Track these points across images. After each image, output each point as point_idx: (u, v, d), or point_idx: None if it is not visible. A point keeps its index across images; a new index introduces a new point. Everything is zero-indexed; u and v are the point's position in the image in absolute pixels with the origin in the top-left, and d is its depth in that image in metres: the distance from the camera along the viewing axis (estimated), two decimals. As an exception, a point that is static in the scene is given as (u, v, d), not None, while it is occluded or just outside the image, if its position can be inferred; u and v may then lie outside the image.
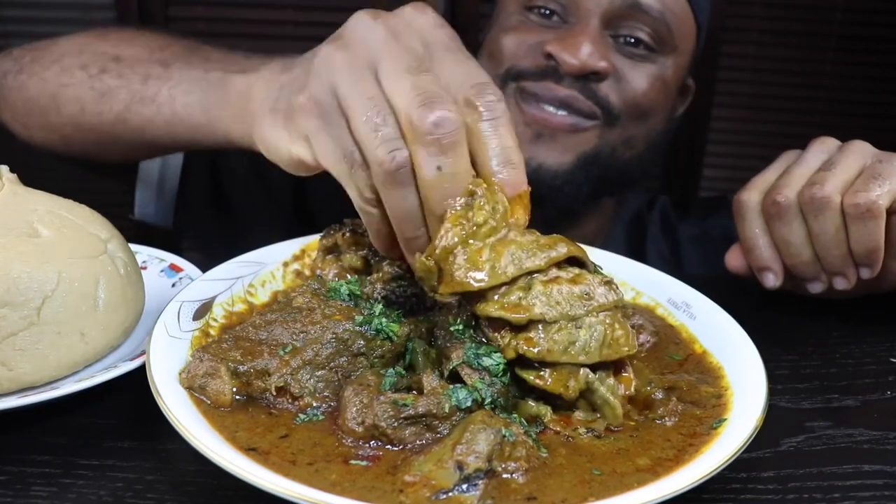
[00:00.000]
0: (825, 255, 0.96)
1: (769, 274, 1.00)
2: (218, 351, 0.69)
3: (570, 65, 1.27)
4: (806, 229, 0.96)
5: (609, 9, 1.29)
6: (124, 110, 1.07)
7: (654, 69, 1.35)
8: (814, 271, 0.98)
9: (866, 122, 3.13)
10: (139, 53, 1.11)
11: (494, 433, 0.61)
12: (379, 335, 0.70)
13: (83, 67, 1.11)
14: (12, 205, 0.76)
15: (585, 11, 1.30)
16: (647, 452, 0.65)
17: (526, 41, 1.34)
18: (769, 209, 0.97)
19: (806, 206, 0.94)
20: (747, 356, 0.76)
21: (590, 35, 1.28)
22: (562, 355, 0.65)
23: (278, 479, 0.56)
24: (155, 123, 1.05)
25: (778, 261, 1.00)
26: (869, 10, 3.07)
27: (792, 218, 0.95)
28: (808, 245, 0.96)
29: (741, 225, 1.02)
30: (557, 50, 1.28)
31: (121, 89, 1.07)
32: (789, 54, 3.09)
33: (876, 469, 0.71)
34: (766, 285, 1.01)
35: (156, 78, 1.05)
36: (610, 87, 1.32)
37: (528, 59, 1.33)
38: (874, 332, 0.98)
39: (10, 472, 0.65)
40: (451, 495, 0.57)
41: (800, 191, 0.95)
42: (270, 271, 0.89)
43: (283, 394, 0.67)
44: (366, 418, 0.63)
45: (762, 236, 1.00)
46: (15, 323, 0.69)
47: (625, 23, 1.30)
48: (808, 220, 0.95)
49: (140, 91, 1.05)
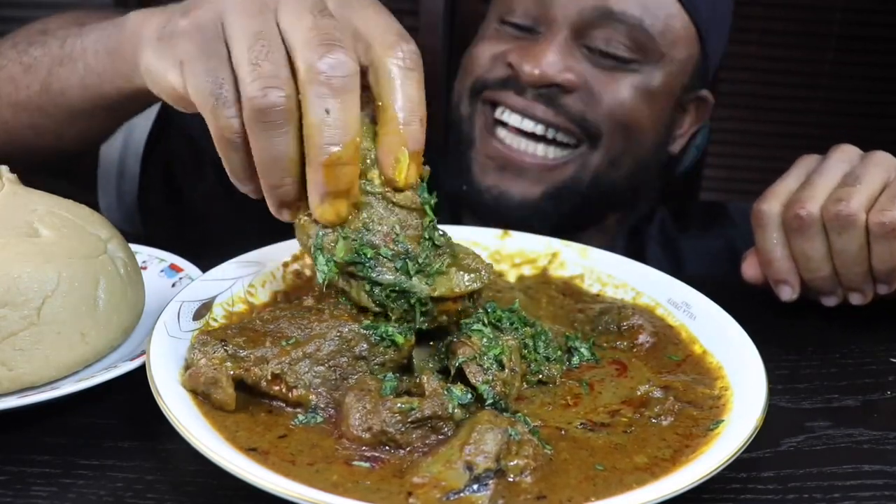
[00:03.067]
0: (845, 271, 0.94)
1: (786, 287, 0.98)
2: (221, 334, 0.69)
3: (528, 74, 1.23)
4: (827, 244, 0.93)
5: (578, 18, 1.23)
6: (47, 76, 1.04)
7: (637, 79, 1.27)
8: (831, 286, 0.97)
9: (865, 122, 3.13)
10: (65, 22, 1.10)
11: (501, 433, 0.61)
12: (383, 342, 0.70)
13: (14, 46, 1.11)
14: (12, 205, 0.76)
15: (553, 21, 1.25)
16: (643, 450, 0.65)
17: (493, 51, 1.30)
18: (791, 222, 0.94)
19: (830, 223, 0.91)
20: (747, 356, 0.76)
21: (555, 44, 1.23)
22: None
23: (279, 480, 0.56)
24: (71, 82, 1.02)
25: (795, 274, 0.97)
26: (868, 10, 3.07)
27: (814, 233, 0.93)
28: (828, 260, 0.94)
29: (760, 236, 0.99)
30: (517, 59, 1.24)
31: (44, 57, 1.05)
32: (789, 54, 3.10)
33: (876, 469, 0.71)
34: (783, 298, 0.99)
35: (73, 37, 1.02)
36: (580, 101, 1.26)
37: (494, 70, 1.29)
38: (874, 332, 0.98)
39: (10, 472, 0.65)
40: (462, 496, 0.57)
41: (823, 205, 0.92)
42: (270, 271, 0.89)
43: (278, 382, 0.67)
44: (373, 425, 0.63)
45: (781, 248, 0.97)
46: (15, 323, 0.69)
47: (598, 32, 1.24)
48: (830, 236, 0.92)
49: (59, 54, 1.03)
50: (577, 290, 0.96)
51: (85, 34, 1.00)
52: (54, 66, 1.03)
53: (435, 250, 0.71)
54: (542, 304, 0.91)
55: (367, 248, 0.69)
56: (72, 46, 1.02)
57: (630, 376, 0.77)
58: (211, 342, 0.68)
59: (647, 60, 1.27)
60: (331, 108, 0.63)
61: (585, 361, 0.79)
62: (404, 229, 0.70)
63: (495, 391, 0.67)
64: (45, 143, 1.14)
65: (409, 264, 0.69)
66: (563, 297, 0.93)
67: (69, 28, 1.06)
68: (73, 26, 1.06)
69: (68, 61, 1.01)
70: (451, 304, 0.71)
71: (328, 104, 0.63)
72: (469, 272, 0.71)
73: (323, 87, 0.63)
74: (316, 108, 0.63)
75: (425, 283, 0.69)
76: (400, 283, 0.69)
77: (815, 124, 3.16)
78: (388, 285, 0.69)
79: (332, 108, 0.63)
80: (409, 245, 0.70)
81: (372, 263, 0.69)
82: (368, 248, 0.69)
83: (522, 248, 1.00)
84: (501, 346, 0.70)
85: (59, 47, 1.04)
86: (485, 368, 0.68)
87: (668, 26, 1.26)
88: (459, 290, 0.70)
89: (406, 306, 0.70)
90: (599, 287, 0.96)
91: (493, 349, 0.69)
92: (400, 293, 0.69)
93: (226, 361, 0.67)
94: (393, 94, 0.67)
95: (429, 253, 0.71)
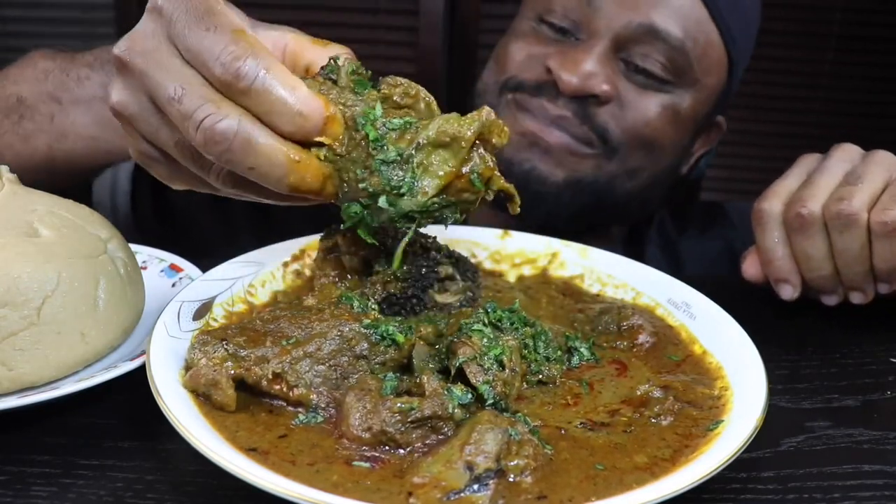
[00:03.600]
0: (846, 270, 0.94)
1: (787, 286, 0.98)
2: (222, 334, 0.69)
3: (566, 83, 1.22)
4: (828, 243, 0.93)
5: (622, 31, 1.22)
6: (48, 150, 1.11)
7: (667, 99, 1.27)
8: (832, 285, 0.97)
9: (865, 121, 3.13)
10: (35, 89, 1.13)
11: (502, 433, 0.61)
12: (384, 341, 0.70)
13: (6, 116, 1.13)
14: (12, 205, 0.76)
15: (596, 31, 1.23)
16: (643, 450, 0.65)
17: (531, 51, 1.29)
18: (792, 221, 0.94)
19: (832, 222, 0.91)
20: (747, 356, 0.76)
21: (595, 55, 1.22)
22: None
23: (279, 480, 0.56)
24: (76, 152, 1.10)
25: (796, 273, 0.97)
26: (868, 10, 3.08)
27: (815, 232, 0.93)
28: (829, 259, 0.94)
29: (760, 234, 0.98)
30: (556, 65, 1.23)
31: (39, 133, 1.10)
32: (789, 54, 3.10)
33: (876, 469, 0.71)
34: (783, 297, 0.99)
35: (59, 114, 1.09)
36: (610, 113, 1.25)
37: (530, 70, 1.28)
38: (874, 332, 0.98)
39: (10, 472, 0.65)
40: (462, 496, 0.57)
41: (825, 204, 0.92)
42: (270, 271, 0.89)
43: (279, 381, 0.67)
44: (373, 425, 0.63)
45: (782, 247, 0.97)
46: (15, 323, 0.69)
47: (638, 48, 1.23)
48: (831, 235, 0.92)
49: (53, 130, 1.09)
50: (577, 290, 0.96)
51: (70, 110, 1.08)
52: (52, 141, 1.10)
53: (400, 152, 0.70)
54: (542, 304, 0.91)
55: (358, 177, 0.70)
56: (62, 124, 1.08)
57: (630, 376, 0.77)
58: (211, 342, 0.68)
59: (681, 83, 1.26)
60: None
61: (585, 361, 0.79)
62: (374, 152, 0.69)
63: (496, 391, 0.67)
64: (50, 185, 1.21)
65: (388, 195, 0.69)
66: (563, 297, 0.93)
67: (49, 104, 1.10)
68: (52, 102, 1.10)
69: (63, 138, 1.08)
70: (458, 182, 0.70)
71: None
72: (443, 148, 0.70)
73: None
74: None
75: (413, 197, 0.70)
76: (398, 211, 0.70)
77: (815, 124, 3.16)
78: (389, 218, 0.71)
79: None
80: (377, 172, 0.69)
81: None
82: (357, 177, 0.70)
83: (522, 248, 1.00)
84: (502, 346, 0.70)
85: (48, 123, 1.09)
86: (485, 368, 0.68)
87: (706, 53, 1.26)
88: (443, 179, 0.69)
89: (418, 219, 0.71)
90: (599, 287, 0.96)
91: (494, 349, 0.69)
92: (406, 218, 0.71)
93: (226, 361, 0.67)
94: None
95: (395, 163, 0.69)
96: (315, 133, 0.67)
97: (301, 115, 0.65)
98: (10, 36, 3.10)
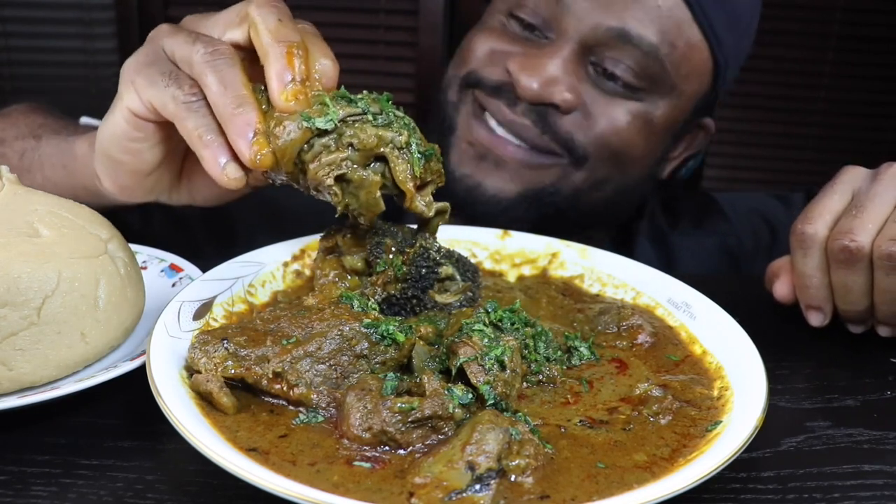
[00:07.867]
0: (884, 308, 0.89)
1: (819, 314, 0.93)
2: (222, 333, 0.69)
3: (524, 88, 1.15)
4: (871, 279, 0.87)
5: (590, 34, 1.15)
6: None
7: (638, 107, 1.19)
8: (865, 318, 0.92)
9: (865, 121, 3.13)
10: (20, 132, 1.15)
11: (503, 433, 0.61)
12: (384, 341, 0.70)
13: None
14: (12, 205, 0.76)
15: (564, 31, 1.16)
16: (642, 448, 0.65)
17: (494, 47, 1.22)
18: (838, 253, 0.86)
19: (880, 261, 0.85)
20: (747, 356, 0.76)
21: (560, 59, 1.15)
22: None
23: (279, 480, 0.56)
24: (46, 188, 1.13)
25: (830, 302, 0.92)
26: (869, 10, 3.08)
27: (861, 268, 0.86)
28: (868, 295, 0.88)
29: (801, 259, 0.91)
30: (517, 68, 1.16)
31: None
32: (789, 54, 3.10)
33: (876, 469, 0.71)
34: (812, 323, 0.94)
35: (31, 150, 1.11)
36: (575, 122, 1.18)
37: (491, 67, 1.21)
38: (874, 332, 0.98)
39: (10, 472, 0.65)
40: (464, 496, 0.57)
41: (876, 241, 0.85)
42: (270, 271, 0.89)
43: (279, 381, 0.67)
44: (373, 424, 0.63)
45: (820, 276, 0.90)
46: (15, 323, 0.69)
47: (609, 52, 1.16)
48: (876, 273, 0.86)
49: (19, 166, 1.10)
50: (576, 290, 0.96)
51: (41, 147, 1.10)
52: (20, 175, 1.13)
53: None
54: (542, 304, 0.91)
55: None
56: (30, 160, 1.10)
57: (629, 374, 0.77)
58: (211, 341, 0.68)
59: (654, 90, 1.19)
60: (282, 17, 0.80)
61: (585, 361, 0.79)
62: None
63: (497, 392, 0.67)
64: None
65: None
66: (562, 297, 0.93)
67: (26, 140, 1.13)
68: (30, 138, 1.13)
69: (26, 174, 1.09)
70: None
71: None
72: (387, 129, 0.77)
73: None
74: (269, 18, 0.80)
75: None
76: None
77: (815, 124, 3.16)
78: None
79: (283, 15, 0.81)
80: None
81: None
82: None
83: (522, 248, 1.00)
84: (503, 346, 0.70)
85: (17, 160, 1.11)
86: (486, 369, 0.68)
87: (687, 58, 1.19)
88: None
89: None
90: (599, 287, 0.96)
91: (495, 349, 0.69)
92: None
93: (226, 360, 0.67)
94: (256, 36, 0.80)
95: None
96: None
97: None
98: (10, 36, 3.10)
